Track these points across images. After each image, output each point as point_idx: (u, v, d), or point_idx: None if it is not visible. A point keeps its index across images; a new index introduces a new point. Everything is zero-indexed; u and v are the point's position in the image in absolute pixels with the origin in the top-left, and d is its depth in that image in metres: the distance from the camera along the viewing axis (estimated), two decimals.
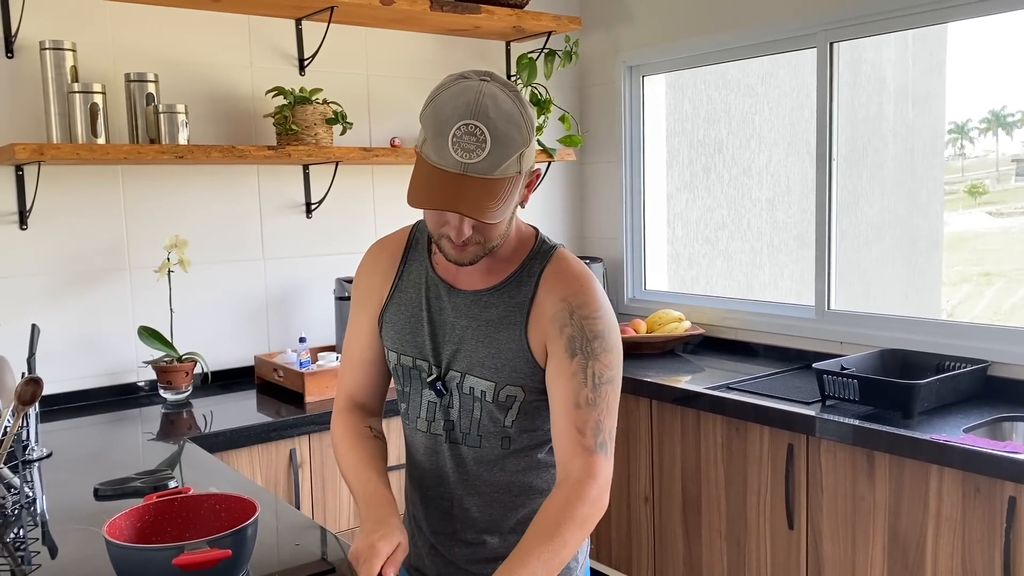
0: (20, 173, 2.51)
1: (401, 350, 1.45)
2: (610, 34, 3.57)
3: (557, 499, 1.28)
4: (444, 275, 1.43)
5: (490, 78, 1.25)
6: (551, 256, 1.40)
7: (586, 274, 1.40)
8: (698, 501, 2.68)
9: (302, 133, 2.78)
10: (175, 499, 1.43)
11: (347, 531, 2.51)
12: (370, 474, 1.39)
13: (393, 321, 1.46)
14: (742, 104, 5.61)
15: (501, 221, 1.29)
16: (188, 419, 2.44)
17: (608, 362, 1.34)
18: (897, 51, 7.02)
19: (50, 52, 2.43)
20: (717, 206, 5.47)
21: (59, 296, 2.60)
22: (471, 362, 1.39)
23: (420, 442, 1.48)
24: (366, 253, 1.54)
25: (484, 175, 1.21)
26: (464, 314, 1.40)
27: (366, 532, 1.26)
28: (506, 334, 1.37)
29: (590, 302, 1.36)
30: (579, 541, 1.27)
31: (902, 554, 2.17)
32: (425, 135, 1.25)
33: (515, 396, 1.39)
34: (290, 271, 3.03)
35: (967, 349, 2.54)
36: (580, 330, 1.33)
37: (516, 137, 1.22)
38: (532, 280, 1.38)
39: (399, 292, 1.46)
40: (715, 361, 3.07)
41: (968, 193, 15.07)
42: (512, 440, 1.42)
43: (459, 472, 1.44)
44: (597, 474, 1.30)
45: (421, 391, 1.45)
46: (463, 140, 1.20)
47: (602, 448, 1.32)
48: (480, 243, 1.31)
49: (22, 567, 1.45)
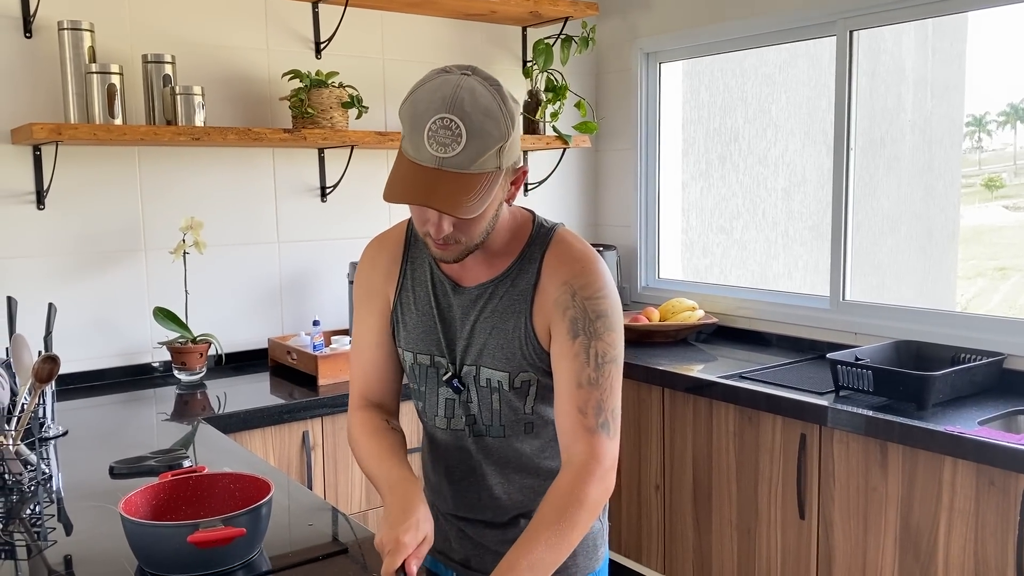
0: (38, 153, 2.52)
1: (416, 350, 1.44)
2: (627, 20, 3.55)
3: (562, 482, 1.28)
4: (449, 272, 1.41)
5: (472, 72, 1.23)
6: (551, 239, 1.39)
7: (588, 254, 1.38)
8: (709, 490, 2.68)
9: (318, 116, 2.78)
10: (190, 477, 1.44)
11: (359, 513, 2.53)
12: (392, 460, 1.37)
13: (406, 321, 1.45)
14: (759, 92, 5.57)
15: (480, 218, 1.27)
16: (202, 400, 2.46)
17: (611, 341, 1.33)
18: (917, 41, 6.95)
19: (68, 32, 2.44)
20: (732, 195, 5.45)
21: (75, 276, 2.61)
22: (483, 354, 1.38)
23: (441, 439, 1.47)
24: (364, 252, 1.53)
25: (459, 170, 1.19)
26: (471, 309, 1.39)
27: (391, 522, 1.24)
28: (512, 322, 1.36)
29: (592, 282, 1.35)
30: (587, 523, 1.26)
31: (913, 546, 2.16)
32: (404, 130, 1.24)
33: (529, 381, 1.38)
34: (304, 254, 3.03)
35: (983, 342, 2.53)
36: (583, 311, 1.33)
37: (493, 131, 1.20)
38: (534, 266, 1.37)
39: (406, 292, 1.45)
40: (728, 350, 3.06)
41: (985, 186, 14.92)
42: (534, 425, 1.42)
43: (487, 463, 1.44)
44: (601, 455, 1.29)
45: (437, 389, 1.44)
46: (438, 134, 1.18)
47: (604, 428, 1.31)
48: (460, 241, 1.29)
49: (38, 542, 1.46)
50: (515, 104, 1.25)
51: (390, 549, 1.20)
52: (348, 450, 2.49)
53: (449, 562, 1.53)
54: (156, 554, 1.28)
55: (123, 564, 1.34)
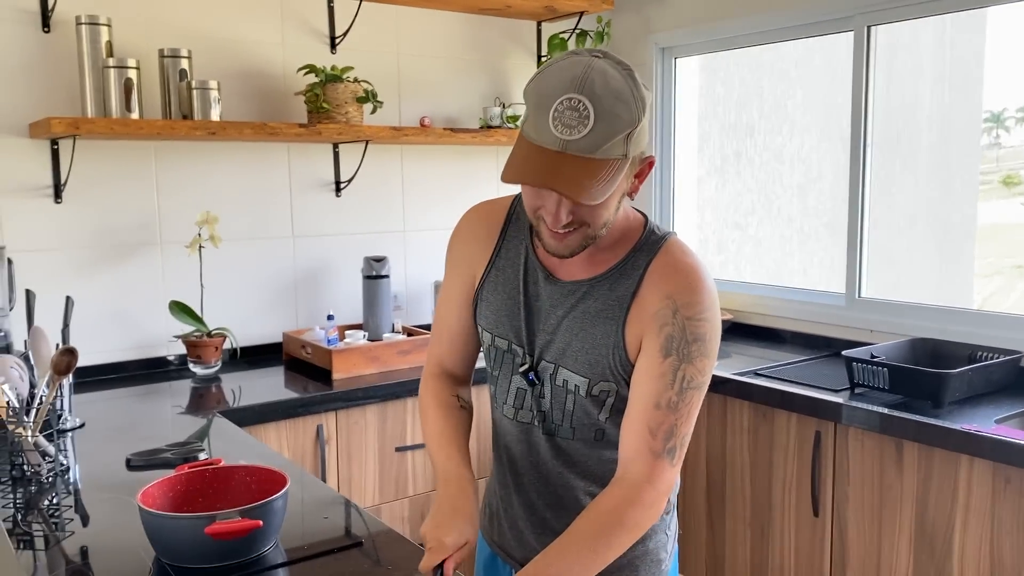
0: (55, 147, 2.53)
1: (496, 332, 1.39)
2: (642, 15, 3.53)
3: (611, 498, 1.22)
4: (545, 260, 1.35)
5: (603, 55, 1.18)
6: (660, 248, 1.31)
7: (697, 270, 1.28)
8: (723, 487, 2.68)
9: (333, 111, 2.78)
10: (207, 470, 1.45)
11: (372, 507, 2.54)
12: (451, 450, 1.35)
13: (489, 300, 1.39)
14: (775, 88, 5.53)
15: (603, 206, 1.20)
16: (217, 393, 2.47)
17: (702, 367, 1.26)
18: (935, 36, 6.89)
19: (86, 27, 2.45)
20: (747, 191, 5.42)
21: (92, 269, 2.63)
22: (565, 354, 1.32)
23: (508, 428, 1.43)
24: (463, 218, 1.46)
25: (585, 154, 1.13)
26: (561, 304, 1.32)
27: (438, 521, 1.24)
28: (602, 328, 1.29)
29: (697, 302, 1.26)
30: (625, 545, 1.22)
31: (929, 544, 2.15)
32: (527, 111, 1.18)
33: (609, 391, 1.32)
34: (319, 249, 3.04)
35: (1000, 340, 2.51)
36: (681, 330, 1.24)
37: (623, 115, 1.14)
38: (637, 273, 1.29)
39: (496, 270, 1.39)
40: (743, 347, 3.05)
41: (1003, 183, 14.77)
42: (606, 432, 1.36)
43: (554, 462, 1.38)
44: (657, 480, 1.23)
45: (511, 376, 1.39)
46: (564, 115, 1.12)
47: (670, 454, 1.24)
48: (579, 230, 1.22)
49: (56, 533, 1.48)
50: (647, 91, 1.19)
51: (432, 547, 1.20)
52: (362, 444, 2.50)
53: (508, 558, 1.48)
54: (174, 545, 1.29)
55: (140, 555, 1.35)
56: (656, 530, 1.42)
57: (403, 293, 3.21)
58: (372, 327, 2.90)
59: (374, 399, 2.50)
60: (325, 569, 1.33)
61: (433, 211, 3.26)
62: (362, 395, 2.48)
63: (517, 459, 1.42)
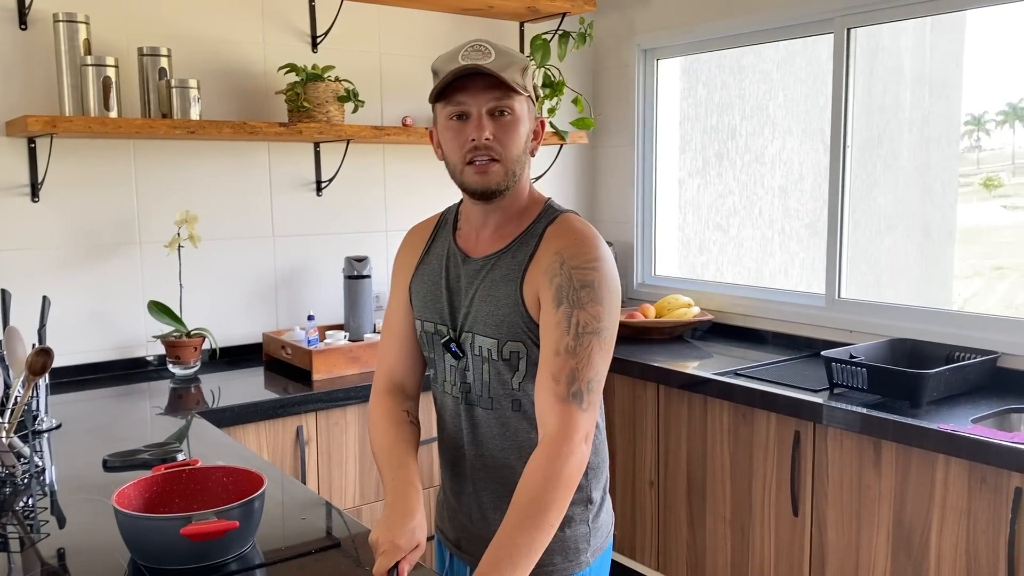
0: (33, 146, 2.51)
1: (424, 317, 1.50)
2: (625, 16, 3.54)
3: (534, 462, 1.27)
4: (463, 245, 1.48)
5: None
6: (556, 217, 1.44)
7: (588, 231, 1.41)
8: (703, 486, 2.69)
9: (314, 110, 2.77)
10: (183, 471, 1.44)
11: (352, 508, 2.53)
12: (401, 460, 1.41)
13: (418, 290, 1.52)
14: (757, 90, 5.56)
15: (514, 136, 1.37)
16: (196, 394, 2.45)
17: (595, 313, 1.33)
18: (915, 39, 6.95)
19: (63, 25, 2.43)
20: (729, 192, 5.44)
21: (70, 269, 2.61)
22: (476, 321, 1.42)
23: (446, 403, 1.51)
24: (402, 240, 1.61)
25: (496, 71, 1.32)
26: (475, 278, 1.44)
27: (389, 524, 1.28)
28: (504, 290, 1.40)
29: (584, 252, 1.36)
30: (562, 501, 1.25)
31: (906, 543, 2.17)
32: (438, 76, 1.37)
33: (519, 352, 1.39)
34: (299, 249, 3.03)
35: (977, 340, 2.53)
36: (568, 279, 1.34)
37: (516, 55, 1.37)
38: (534, 240, 1.41)
39: (424, 265, 1.52)
40: (723, 347, 3.07)
41: (983, 186, 14.93)
42: (522, 403, 1.42)
43: (484, 435, 1.45)
44: (570, 428, 1.28)
45: (444, 356, 1.48)
46: (471, 53, 1.34)
47: (577, 398, 1.29)
48: (497, 164, 1.36)
49: (31, 535, 1.46)
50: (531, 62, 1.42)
51: (385, 550, 1.24)
52: (342, 445, 2.49)
53: (464, 555, 1.53)
54: (149, 546, 1.28)
55: (116, 557, 1.34)
56: (574, 519, 1.45)
57: (384, 293, 3.20)
58: (353, 327, 2.89)
59: (355, 400, 2.49)
60: (303, 570, 1.33)
61: (415, 211, 3.26)
62: (342, 396, 2.47)
63: (454, 436, 1.50)
